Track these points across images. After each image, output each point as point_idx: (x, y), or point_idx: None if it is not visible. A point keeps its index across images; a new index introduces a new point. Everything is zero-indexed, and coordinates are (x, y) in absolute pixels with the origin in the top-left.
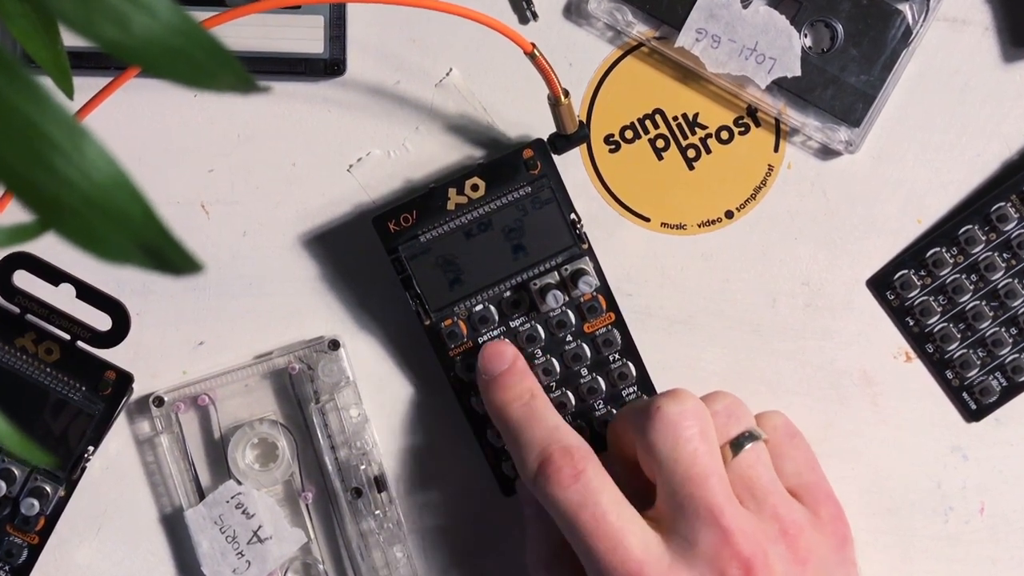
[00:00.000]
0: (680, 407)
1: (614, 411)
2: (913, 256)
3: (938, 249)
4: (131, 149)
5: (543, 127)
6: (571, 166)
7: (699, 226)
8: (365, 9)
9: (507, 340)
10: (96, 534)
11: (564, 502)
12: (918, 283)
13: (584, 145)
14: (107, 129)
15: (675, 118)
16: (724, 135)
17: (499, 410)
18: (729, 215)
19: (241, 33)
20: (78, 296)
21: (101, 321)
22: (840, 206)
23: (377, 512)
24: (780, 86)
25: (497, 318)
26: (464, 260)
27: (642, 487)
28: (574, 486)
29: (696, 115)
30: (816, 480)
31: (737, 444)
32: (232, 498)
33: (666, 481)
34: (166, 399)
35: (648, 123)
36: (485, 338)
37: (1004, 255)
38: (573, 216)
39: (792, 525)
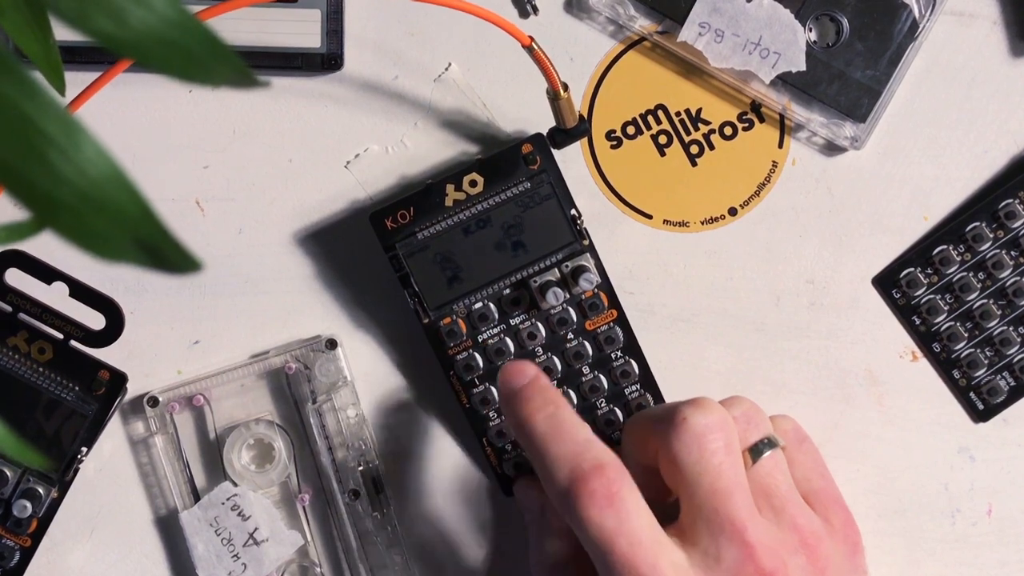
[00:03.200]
0: (706, 419)
1: (616, 409)
2: (920, 254)
3: (945, 247)
4: (125, 145)
5: (543, 122)
6: (572, 162)
7: (702, 223)
8: (363, 3)
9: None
10: (90, 536)
11: (598, 527)
12: (925, 281)
13: (585, 141)
14: (100, 125)
15: (678, 114)
16: (728, 131)
17: (522, 423)
18: (733, 212)
19: (236, 27)
20: (71, 294)
21: (95, 320)
22: (845, 203)
23: (375, 514)
24: (784, 81)
25: (497, 316)
26: (463, 257)
27: (660, 491)
28: (608, 509)
29: (699, 111)
30: (826, 486)
31: (756, 451)
32: (228, 500)
33: (690, 494)
34: (161, 399)
35: (650, 118)
36: (484, 336)
37: (1012, 253)
38: (573, 212)
39: (811, 536)
